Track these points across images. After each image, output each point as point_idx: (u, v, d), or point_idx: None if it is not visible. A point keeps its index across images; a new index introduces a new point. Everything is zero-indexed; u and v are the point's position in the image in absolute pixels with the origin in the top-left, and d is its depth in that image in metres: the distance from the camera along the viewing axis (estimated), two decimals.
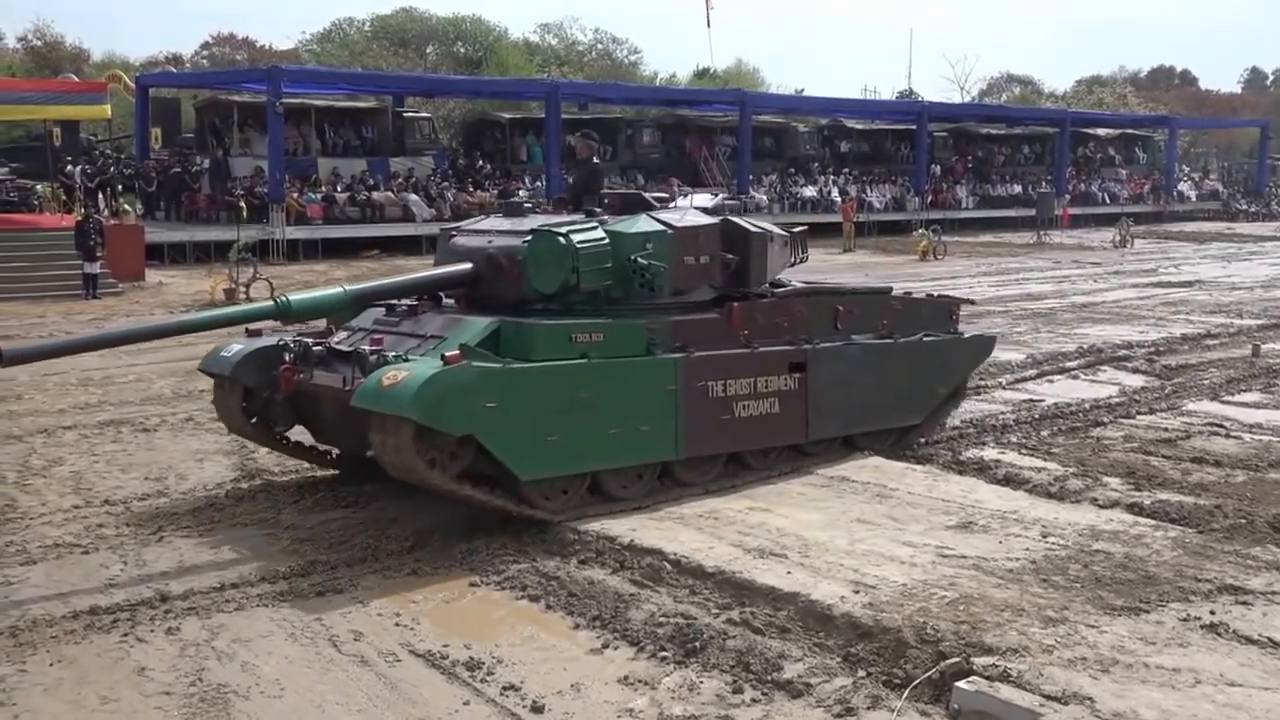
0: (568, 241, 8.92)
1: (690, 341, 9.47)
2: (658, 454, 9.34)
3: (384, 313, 9.62)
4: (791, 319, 10.34)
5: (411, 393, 7.87)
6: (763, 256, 10.12)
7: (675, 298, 9.58)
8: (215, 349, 9.86)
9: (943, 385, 11.67)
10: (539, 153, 40.01)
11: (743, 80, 66.42)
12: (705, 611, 7.36)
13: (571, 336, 8.83)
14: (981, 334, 12.97)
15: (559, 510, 8.84)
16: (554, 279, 9.02)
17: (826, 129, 51.55)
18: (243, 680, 6.52)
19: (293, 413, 9.69)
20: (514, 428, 8.38)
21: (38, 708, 6.16)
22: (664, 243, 9.35)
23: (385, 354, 8.68)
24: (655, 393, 9.19)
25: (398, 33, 67.89)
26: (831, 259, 35.12)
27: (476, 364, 8.26)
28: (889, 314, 11.26)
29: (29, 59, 58.26)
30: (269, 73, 33.46)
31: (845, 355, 10.58)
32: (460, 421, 8.16)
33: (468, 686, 6.51)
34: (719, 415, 9.61)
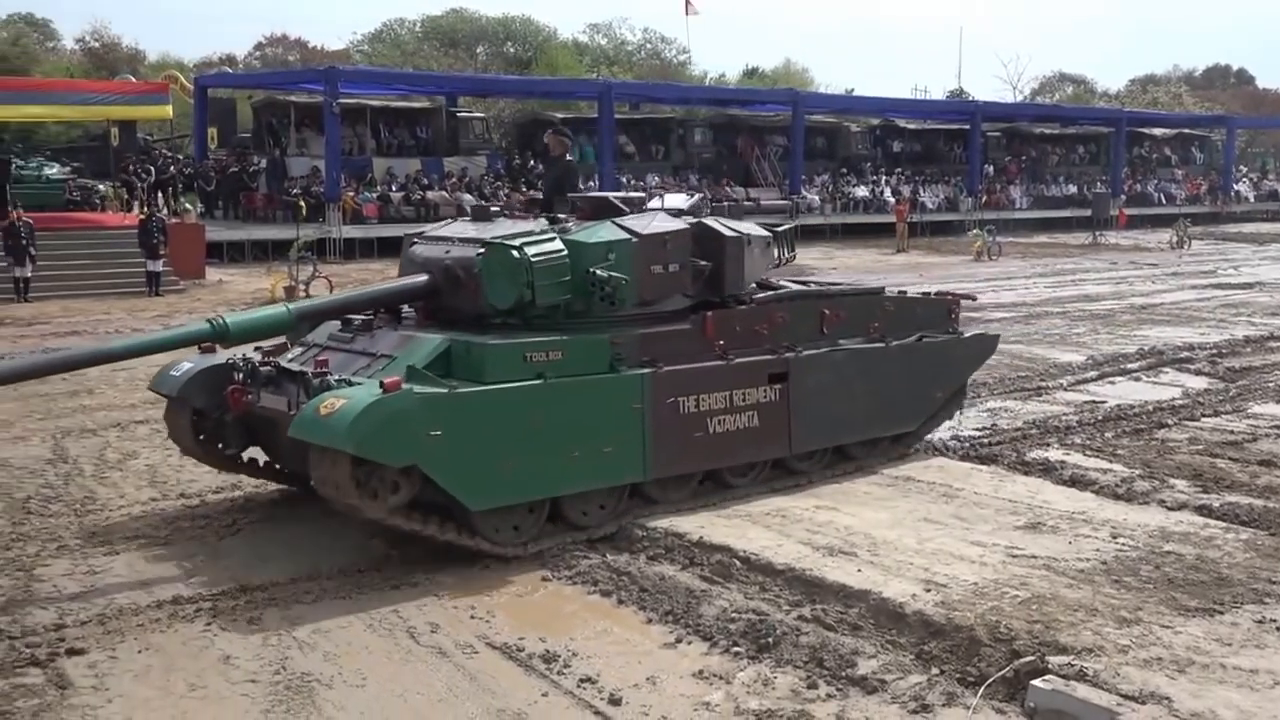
0: (521, 255, 8.30)
1: (660, 355, 8.92)
2: (623, 476, 8.79)
3: (340, 327, 9.06)
4: (772, 326, 9.74)
5: (346, 424, 7.36)
6: (739, 261, 9.48)
7: (644, 308, 9.01)
8: (165, 366, 9.35)
9: (940, 389, 11.13)
10: (590, 152, 40.12)
11: (791, 80, 66.32)
12: (776, 608, 7.43)
13: (526, 356, 8.25)
14: (983, 333, 12.41)
15: (514, 542, 8.32)
16: (509, 294, 8.43)
17: (879, 129, 51.37)
18: (325, 670, 6.65)
19: (245, 433, 9.26)
20: (462, 456, 7.82)
21: (129, 692, 6.33)
22: (628, 252, 8.76)
23: (328, 376, 8.12)
24: (619, 412, 8.63)
25: (448, 33, 68.35)
26: (886, 259, 35.10)
27: (419, 390, 7.68)
28: (881, 315, 10.65)
29: (86, 60, 59.18)
30: (326, 73, 33.81)
31: (831, 362, 10.02)
32: (401, 452, 7.62)
33: (545, 678, 6.61)
34: (691, 432, 9.05)
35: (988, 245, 35.33)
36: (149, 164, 31.33)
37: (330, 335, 9.04)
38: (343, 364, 8.52)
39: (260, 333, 8.78)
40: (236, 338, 8.57)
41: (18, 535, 8.85)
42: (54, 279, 23.12)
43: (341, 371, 8.33)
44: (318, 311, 9.20)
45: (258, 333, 8.75)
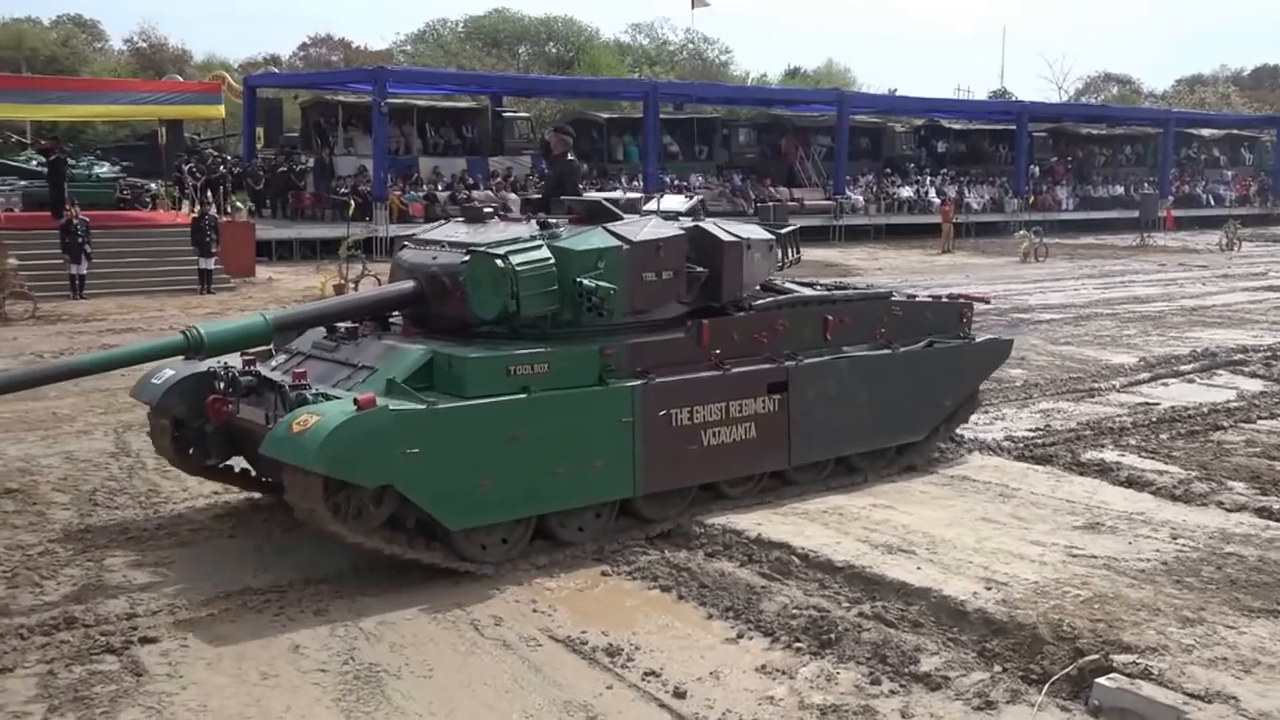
0: (505, 264, 7.99)
1: (652, 365, 8.61)
2: (612, 492, 8.49)
3: (325, 335, 8.80)
4: (772, 333, 9.41)
5: (318, 443, 7.08)
6: (737, 267, 9.14)
7: (637, 317, 8.69)
8: (147, 374, 9.08)
9: (949, 397, 10.70)
10: (635, 152, 40.23)
11: (834, 80, 66.20)
12: (836, 605, 7.48)
13: (509, 369, 7.92)
14: (995, 337, 11.90)
15: (500, 560, 8.06)
16: (492, 305, 8.12)
17: (923, 129, 51.16)
18: (392, 660, 6.75)
19: (228, 443, 8.93)
20: (440, 475, 7.54)
21: (203, 680, 6.45)
22: (618, 259, 8.43)
23: (304, 390, 7.73)
24: (608, 426, 8.31)
25: (490, 33, 68.68)
26: (931, 260, 34.97)
27: (394, 407, 7.40)
28: (888, 321, 10.30)
29: (134, 60, 59.94)
30: (374, 73, 34.06)
31: (834, 371, 9.66)
32: (375, 472, 7.37)
33: (609, 671, 6.68)
34: (684, 445, 8.73)
35: (1034, 246, 35.09)
36: (201, 163, 31.66)
37: (314, 343, 8.79)
38: (325, 374, 8.28)
39: (237, 344, 8.43)
40: (212, 349, 8.22)
41: (86, 527, 9.02)
42: (108, 276, 23.41)
43: (323, 382, 8.09)
44: (297, 321, 8.88)
45: (234, 344, 8.41)
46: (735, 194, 39.78)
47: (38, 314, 20.39)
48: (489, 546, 8.04)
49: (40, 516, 9.29)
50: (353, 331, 8.67)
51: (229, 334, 8.33)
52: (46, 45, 57.86)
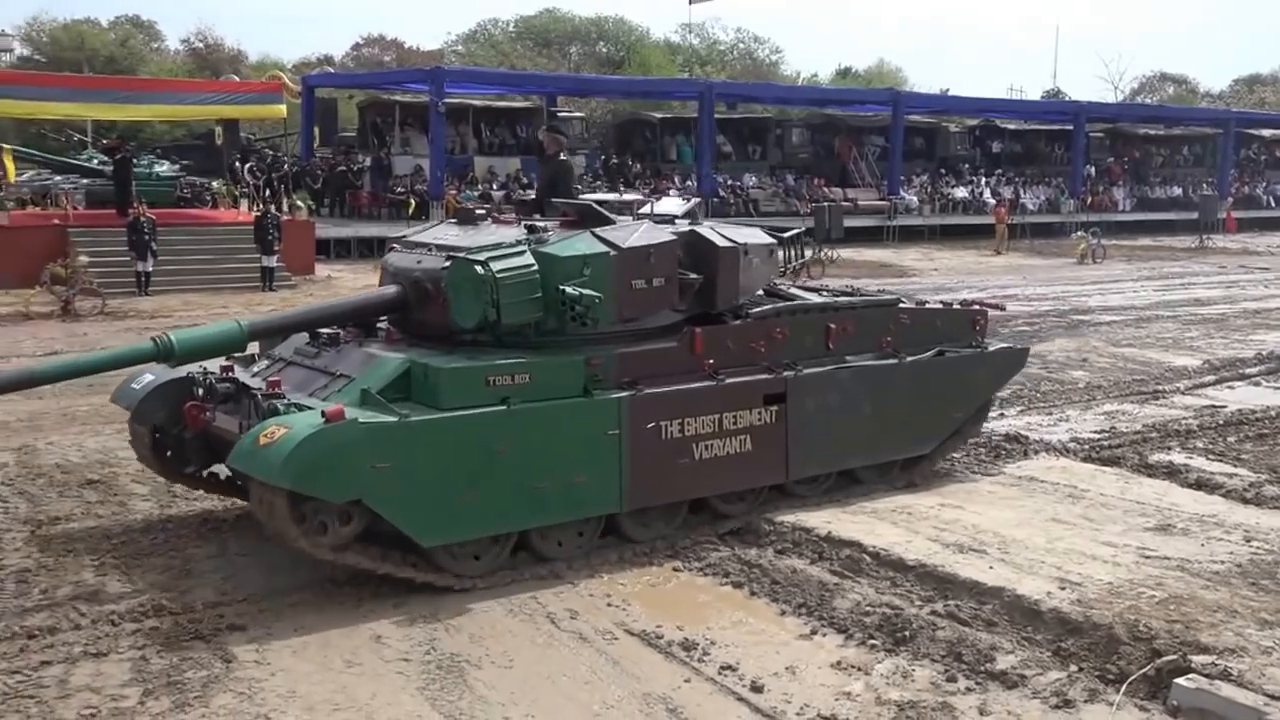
0: (486, 271, 7.71)
1: (641, 376, 8.28)
2: (597, 508, 8.18)
3: (308, 340, 8.57)
4: (769, 342, 9.03)
5: (282, 457, 6.83)
6: (733, 273, 8.81)
7: (627, 326, 8.38)
8: (127, 378, 8.87)
9: (959, 408, 10.23)
10: (688, 152, 40.32)
11: (885, 80, 65.97)
12: (909, 603, 7.52)
13: (488, 380, 7.61)
14: (1010, 346, 11.33)
15: (476, 573, 7.81)
16: (473, 312, 7.85)
17: (978, 129, 50.86)
18: (473, 651, 6.87)
19: (207, 451, 8.58)
20: (412, 490, 7.26)
21: (290, 667, 6.60)
22: (605, 266, 8.12)
23: (276, 400, 7.50)
24: (593, 439, 7.99)
25: (541, 33, 69.02)
26: (986, 261, 34.81)
27: (364, 420, 7.14)
28: (895, 329, 9.84)
29: (190, 60, 60.75)
30: (432, 73, 34.36)
31: (836, 381, 9.27)
32: (343, 487, 7.10)
33: (686, 665, 6.76)
34: (674, 459, 8.39)
35: (1092, 248, 34.84)
36: (261, 162, 32.08)
37: (296, 349, 8.58)
38: (303, 381, 8.10)
39: (210, 351, 8.13)
40: (183, 356, 7.95)
41: (167, 518, 9.23)
42: (173, 273, 23.77)
43: (300, 390, 7.92)
44: (273, 328, 8.67)
45: (207, 351, 8.10)
46: (789, 194, 39.78)
47: (106, 310, 20.76)
48: (459, 558, 7.75)
49: (122, 507, 9.51)
50: (334, 338, 8.43)
51: (201, 340, 8.04)
52: (105, 46, 58.78)
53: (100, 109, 29.60)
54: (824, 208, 31.83)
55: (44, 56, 56.80)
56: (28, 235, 23.99)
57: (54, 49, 57.60)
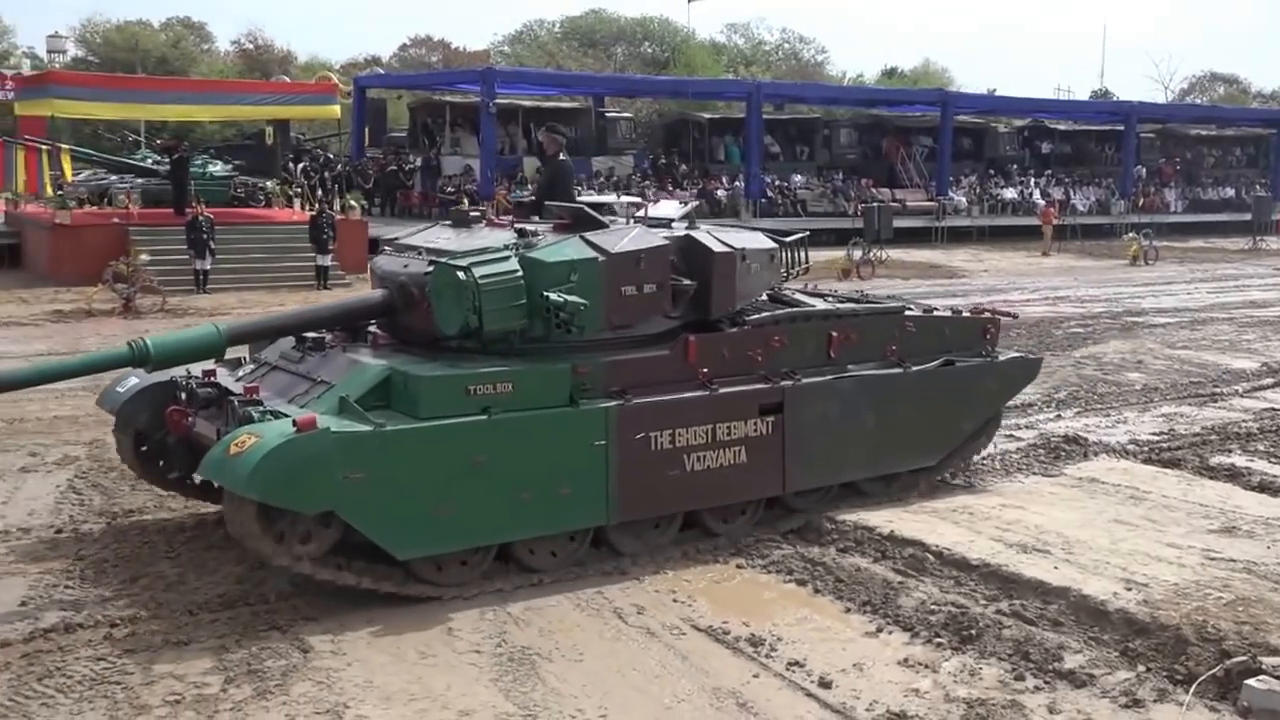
0: (468, 277, 7.50)
1: (631, 385, 8.04)
2: (582, 520, 7.96)
3: (294, 344, 8.43)
4: (767, 351, 8.75)
5: (250, 467, 6.71)
6: (730, 279, 8.52)
7: (617, 333, 8.14)
8: (113, 381, 8.78)
9: (968, 419, 9.91)
10: (736, 153, 40.35)
11: (931, 80, 65.67)
12: (974, 602, 7.56)
13: (468, 388, 7.43)
14: (1023, 356, 10.82)
15: (457, 583, 7.63)
16: (454, 319, 7.63)
17: (1027, 129, 50.58)
18: (543, 644, 6.98)
19: (189, 455, 8.34)
20: (387, 501, 7.09)
21: (366, 658, 6.74)
22: (593, 272, 7.88)
23: (251, 407, 7.37)
24: (578, 449, 7.77)
25: (587, 34, 69.23)
26: (1036, 263, 34.65)
27: (337, 430, 6.96)
28: (900, 337, 9.53)
29: (240, 61, 61.44)
30: (483, 74, 34.62)
31: (836, 391, 8.97)
32: (314, 498, 6.94)
33: (754, 661, 6.84)
34: (664, 470, 8.14)
35: (1144, 249, 34.58)
36: (314, 162, 32.44)
37: (282, 353, 8.45)
38: (284, 387, 7.97)
39: (187, 355, 7.96)
40: (159, 361, 7.81)
41: None
42: (230, 272, 24.11)
43: (281, 395, 7.80)
44: (253, 332, 8.56)
45: (184, 355, 7.94)
46: (836, 194, 39.72)
47: (165, 307, 21.09)
48: (445, 569, 7.61)
49: (194, 501, 9.67)
50: (319, 343, 8.29)
51: (178, 345, 7.90)
52: (157, 47, 59.54)
53: (161, 110, 30.09)
54: (873, 208, 31.78)
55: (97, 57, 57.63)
56: (89, 234, 24.43)
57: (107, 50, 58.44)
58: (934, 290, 26.55)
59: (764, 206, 36.75)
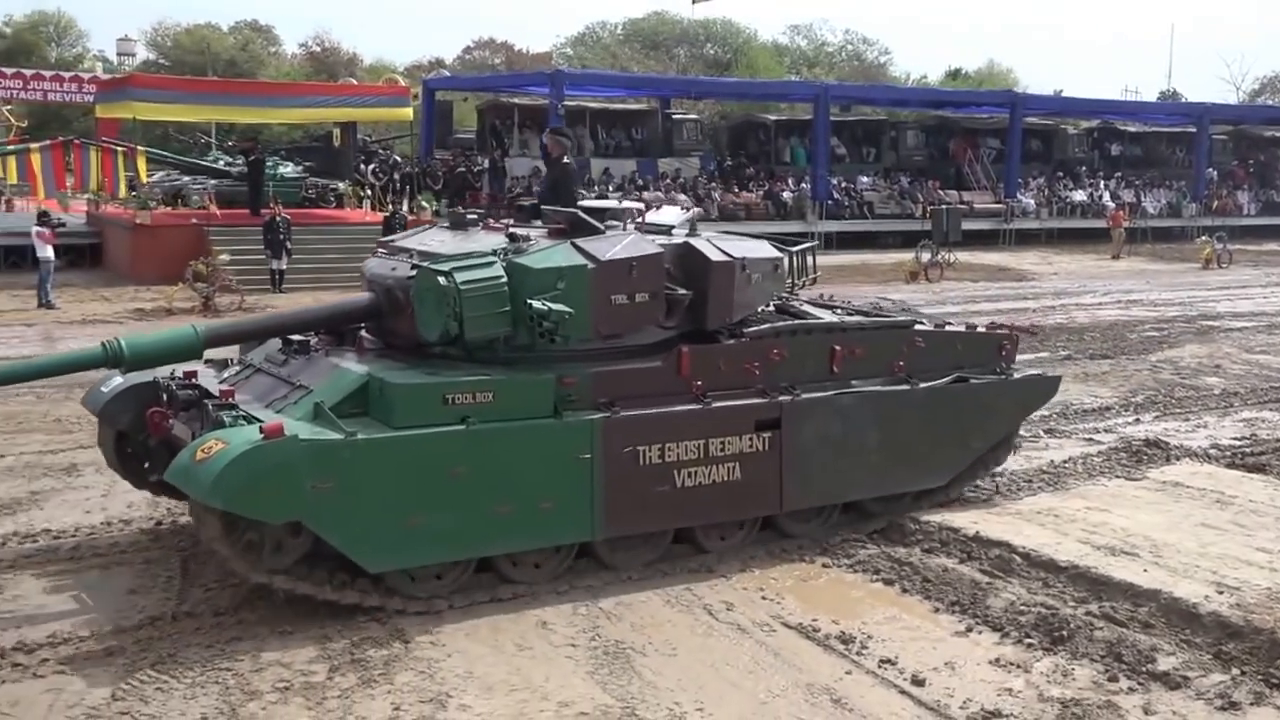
0: (449, 282, 7.30)
1: (620, 397, 7.77)
2: (566, 535, 7.74)
3: (280, 346, 8.26)
4: (765, 364, 8.41)
5: (213, 475, 6.53)
6: (728, 289, 8.21)
7: (607, 343, 7.90)
8: (99, 381, 8.57)
9: (979, 439, 9.47)
10: (802, 154, 40.30)
11: (996, 81, 65.19)
12: (1063, 603, 7.58)
13: (447, 397, 7.19)
14: (1040, 374, 10.26)
15: (435, 595, 7.44)
16: (435, 325, 7.44)
17: (1096, 131, 50.05)
18: (636, 639, 7.09)
19: (169, 457, 7.77)
20: (357, 512, 6.89)
21: (464, 649, 6.89)
22: (582, 279, 7.61)
23: (224, 411, 7.24)
24: (561, 463, 7.52)
25: (649, 35, 69.48)
26: (1106, 266, 34.33)
27: (305, 438, 6.78)
28: (909, 352, 9.12)
29: (307, 63, 62.32)
30: (552, 76, 34.86)
31: (837, 407, 8.61)
32: (281, 507, 6.77)
33: (845, 658, 6.91)
34: (653, 486, 7.87)
35: (1217, 253, 34.12)
36: (383, 164, 32.84)
37: (267, 356, 8.28)
38: (266, 391, 7.81)
39: (163, 357, 7.82)
40: (133, 363, 7.70)
41: None
42: (305, 271, 24.48)
43: (260, 400, 7.64)
44: (232, 334, 8.42)
45: (160, 357, 7.81)
46: (903, 196, 39.57)
47: (243, 306, 21.46)
48: (419, 580, 7.42)
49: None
50: (305, 346, 8.11)
51: (153, 346, 7.76)
52: (226, 49, 60.58)
53: (238, 112, 30.60)
54: (942, 210, 31.61)
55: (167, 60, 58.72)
56: (168, 234, 24.92)
57: (177, 52, 59.56)
58: (1003, 292, 26.45)
59: (830, 208, 36.67)
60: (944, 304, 23.91)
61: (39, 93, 44.24)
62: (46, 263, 21.68)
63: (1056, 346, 18.34)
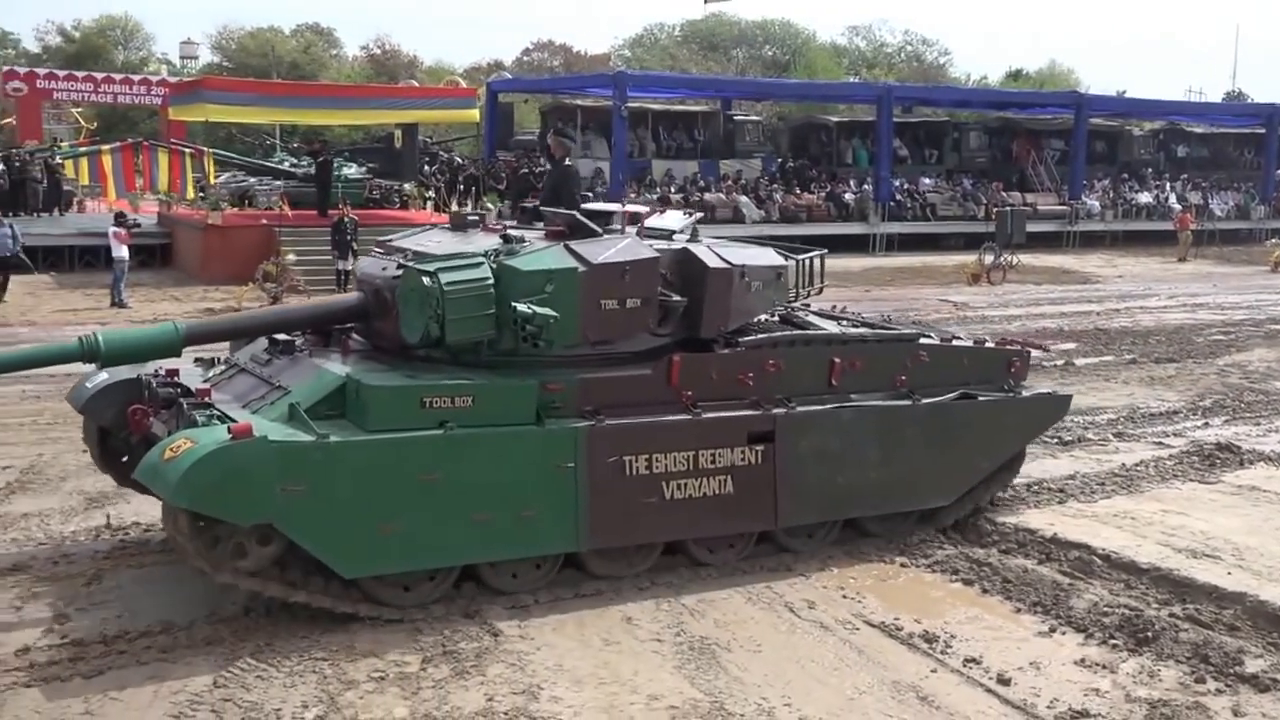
0: (432, 283, 7.15)
1: (608, 404, 7.60)
2: (549, 545, 7.57)
3: (267, 345, 8.12)
4: (760, 375, 8.20)
5: (179, 474, 6.41)
6: (724, 297, 8.02)
7: (596, 349, 7.72)
8: (84, 376, 8.43)
9: (985, 457, 9.15)
10: (864, 156, 40.15)
11: (1057, 82, 64.55)
12: (1146, 605, 7.60)
13: (424, 401, 7.04)
14: (1050, 393, 9.90)
15: (416, 602, 7.32)
16: (416, 326, 7.30)
17: (1161, 133, 49.44)
18: (720, 635, 7.19)
19: None
20: (329, 516, 6.75)
21: (553, 642, 7.02)
22: (571, 283, 7.44)
23: (198, 411, 7.15)
24: (543, 471, 7.35)
25: (707, 37, 69.44)
26: (1172, 269, 33.98)
27: (275, 438, 6.66)
28: (912, 367, 8.86)
29: (369, 66, 62.96)
30: (615, 78, 34.96)
31: (835, 421, 8.38)
32: (249, 509, 6.61)
33: (929, 656, 6.97)
34: (641, 497, 7.69)
35: None
36: (447, 165, 33.15)
37: (253, 355, 8.16)
38: (247, 390, 7.69)
39: (140, 353, 7.73)
40: (110, 358, 7.61)
41: None
42: None
43: (239, 400, 7.53)
44: (213, 332, 8.31)
45: (137, 353, 7.72)
46: (965, 198, 39.33)
47: None
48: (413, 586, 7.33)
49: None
50: (290, 346, 7.97)
51: (131, 342, 7.70)
52: (288, 52, 61.29)
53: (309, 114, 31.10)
54: (1006, 212, 31.38)
55: (231, 63, 59.55)
56: (237, 234, 25.23)
57: (240, 55, 60.38)
58: (1066, 295, 26.26)
59: (892, 210, 36.53)
60: (1006, 306, 23.86)
61: (109, 95, 44.95)
62: (121, 262, 22.06)
63: (1121, 350, 18.24)
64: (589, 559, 7.80)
